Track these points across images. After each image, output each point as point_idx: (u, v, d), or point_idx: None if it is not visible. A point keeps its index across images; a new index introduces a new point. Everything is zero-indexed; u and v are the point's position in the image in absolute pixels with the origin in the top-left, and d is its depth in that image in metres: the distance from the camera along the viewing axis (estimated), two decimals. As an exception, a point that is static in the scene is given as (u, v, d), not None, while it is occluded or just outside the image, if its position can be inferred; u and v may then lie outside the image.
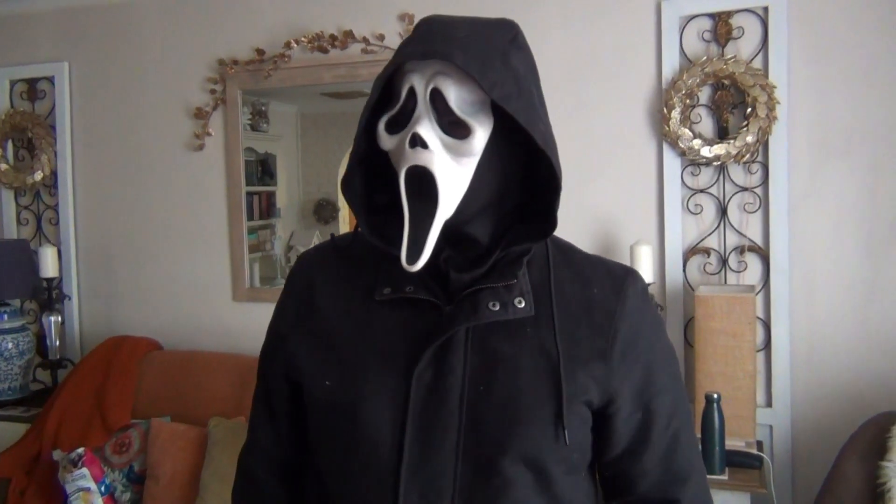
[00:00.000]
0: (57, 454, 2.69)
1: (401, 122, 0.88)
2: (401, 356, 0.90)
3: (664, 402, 0.95)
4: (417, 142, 0.85)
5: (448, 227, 0.88)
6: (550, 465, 0.89)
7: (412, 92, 0.86)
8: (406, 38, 0.91)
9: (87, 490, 2.54)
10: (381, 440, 0.88)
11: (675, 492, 0.96)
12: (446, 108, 0.86)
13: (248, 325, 3.05)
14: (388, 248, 0.91)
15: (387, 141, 0.89)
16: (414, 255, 0.85)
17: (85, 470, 2.55)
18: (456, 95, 0.86)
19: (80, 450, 2.60)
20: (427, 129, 0.85)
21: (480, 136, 0.86)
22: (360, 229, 0.96)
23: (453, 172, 0.86)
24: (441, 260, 0.92)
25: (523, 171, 0.94)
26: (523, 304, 0.90)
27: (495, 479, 0.87)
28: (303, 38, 2.92)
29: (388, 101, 0.90)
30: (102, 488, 2.58)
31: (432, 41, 0.86)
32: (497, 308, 0.89)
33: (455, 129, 0.86)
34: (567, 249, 0.99)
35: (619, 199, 2.62)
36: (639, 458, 0.95)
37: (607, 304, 0.93)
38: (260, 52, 2.99)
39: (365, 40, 2.84)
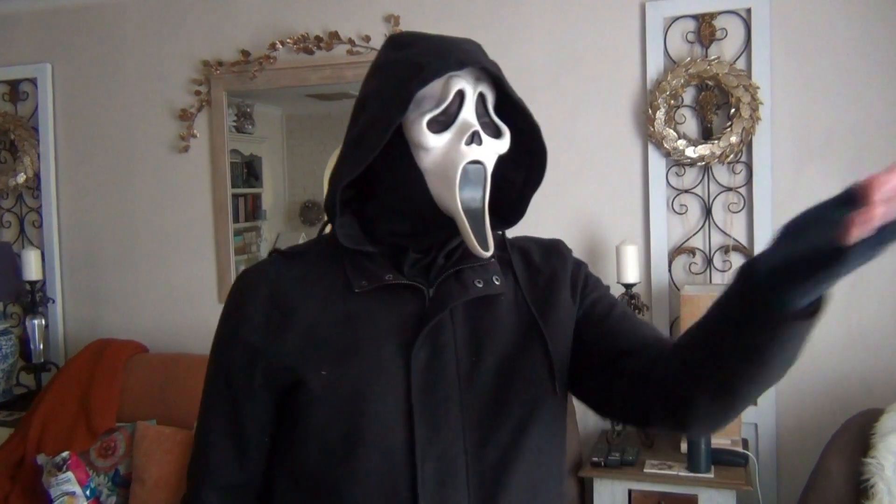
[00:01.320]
0: (41, 458, 2.67)
1: (443, 122, 0.94)
2: (393, 338, 0.95)
3: (607, 298, 1.09)
4: (475, 139, 0.94)
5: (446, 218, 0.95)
6: (545, 415, 0.98)
7: (460, 95, 0.94)
8: (414, 51, 0.95)
9: (72, 494, 2.52)
10: (389, 421, 0.92)
11: (657, 334, 1.04)
12: (484, 111, 0.96)
13: (235, 327, 3.04)
14: (358, 247, 0.97)
15: (431, 139, 0.94)
16: (483, 242, 0.93)
17: (70, 474, 2.53)
18: (492, 100, 0.97)
19: (65, 454, 2.58)
20: (480, 129, 0.95)
21: (508, 136, 0.98)
22: (323, 233, 1.05)
23: (491, 167, 0.97)
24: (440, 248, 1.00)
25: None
26: (499, 282, 1.01)
27: (501, 443, 0.95)
28: (288, 40, 2.92)
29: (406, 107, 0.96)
30: (87, 492, 2.56)
31: (456, 51, 0.95)
32: (482, 285, 0.99)
33: (492, 129, 0.97)
34: (499, 235, 1.10)
35: (604, 200, 2.64)
36: (636, 330, 1.03)
37: (550, 261, 1.07)
38: (245, 53, 2.98)
39: (350, 41, 2.84)
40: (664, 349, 0.96)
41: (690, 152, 2.49)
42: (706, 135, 2.52)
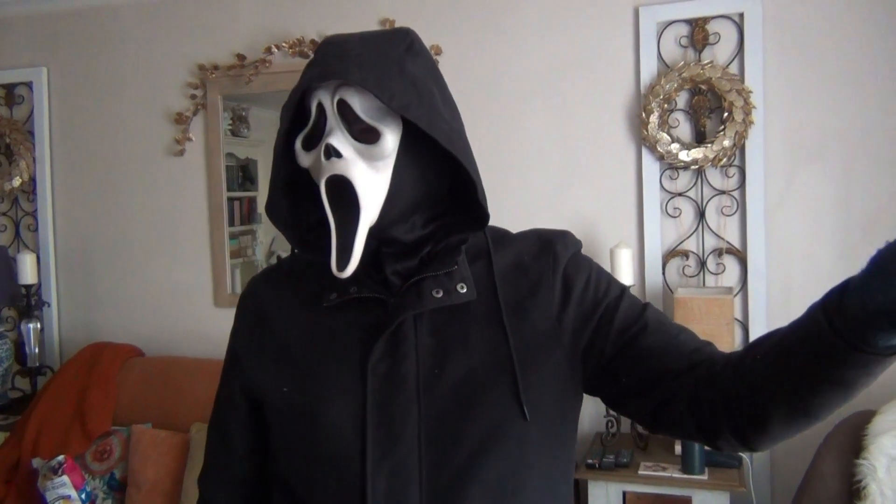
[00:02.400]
0: (37, 462, 2.67)
1: (315, 137, 0.92)
2: (354, 353, 0.93)
3: (624, 304, 0.97)
4: (332, 153, 0.89)
5: (376, 231, 0.92)
6: (513, 440, 0.90)
7: (321, 108, 0.91)
8: (308, 62, 0.95)
9: (68, 498, 2.53)
10: (344, 435, 0.90)
11: (696, 344, 0.96)
12: (355, 117, 0.90)
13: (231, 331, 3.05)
14: (325, 259, 0.93)
15: (304, 158, 0.93)
16: (343, 261, 0.89)
17: (65, 478, 2.54)
18: (360, 103, 0.90)
19: (61, 457, 2.59)
20: (339, 140, 0.89)
21: (390, 138, 0.90)
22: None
23: (370, 178, 0.90)
24: (384, 261, 0.95)
25: (451, 171, 0.96)
26: (465, 290, 0.94)
27: (459, 460, 0.89)
28: (283, 44, 2.93)
29: (303, 123, 0.95)
30: (83, 496, 2.56)
31: (328, 62, 0.91)
32: (440, 294, 0.92)
33: (365, 135, 0.90)
34: (503, 234, 1.03)
35: (598, 203, 2.65)
36: (675, 348, 0.93)
37: (540, 264, 0.98)
38: (240, 57, 2.99)
39: (346, 46, 2.85)
40: (715, 364, 0.89)
41: (684, 156, 2.51)
42: (699, 138, 2.54)
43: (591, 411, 2.58)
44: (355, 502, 0.89)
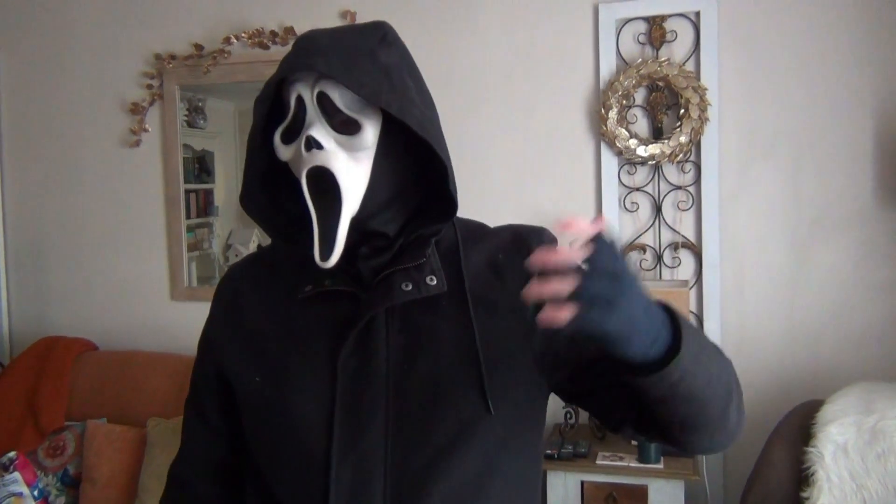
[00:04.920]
0: (-13, 459, 2.61)
1: (294, 130, 0.92)
2: (325, 346, 0.94)
3: None
4: (313, 144, 0.89)
5: (356, 223, 0.92)
6: (480, 436, 0.91)
7: (300, 101, 0.91)
8: (283, 56, 0.95)
9: (20, 495, 2.47)
10: (311, 428, 0.91)
11: None
12: (335, 109, 0.90)
13: (187, 324, 3.00)
14: (304, 250, 0.94)
15: (284, 151, 0.93)
16: (326, 251, 0.89)
17: (17, 474, 2.48)
18: (340, 95, 0.90)
19: (12, 454, 2.53)
20: (319, 132, 0.89)
21: (369, 129, 0.91)
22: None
23: (351, 168, 0.90)
24: (358, 255, 0.95)
25: (424, 164, 0.97)
26: (435, 282, 0.94)
27: (426, 455, 0.89)
28: (243, 34, 2.89)
29: (279, 116, 0.94)
30: (35, 493, 2.51)
31: (299, 55, 0.91)
32: (410, 288, 0.93)
33: (346, 126, 0.90)
34: (476, 227, 1.04)
35: (557, 197, 2.68)
36: None
37: (513, 261, 0.97)
38: (198, 46, 2.94)
39: (306, 37, 2.83)
40: None
41: (641, 151, 2.55)
42: (657, 134, 2.58)
43: (550, 403, 2.60)
44: (320, 493, 0.90)
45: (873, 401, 2.03)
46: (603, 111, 2.56)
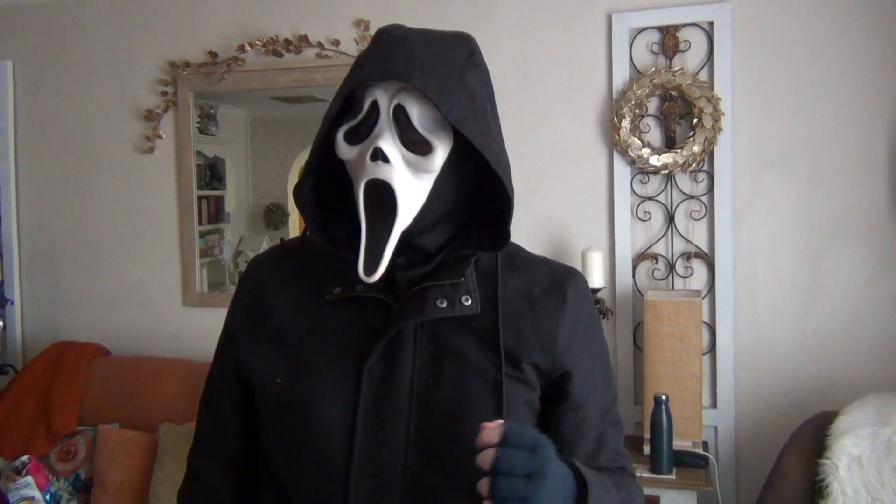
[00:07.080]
0: (-1, 462, 2.62)
1: (361, 133, 0.90)
2: (351, 352, 0.92)
3: (595, 400, 0.99)
4: (379, 156, 0.86)
5: (402, 236, 0.90)
6: None
7: (374, 106, 0.88)
8: (365, 51, 0.92)
9: (32, 499, 2.48)
10: (333, 434, 0.90)
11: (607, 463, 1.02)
12: (409, 125, 0.88)
13: (199, 330, 3.02)
14: (337, 251, 0.92)
15: (346, 151, 0.91)
16: (372, 266, 0.87)
17: (29, 478, 2.49)
18: (419, 113, 0.88)
19: (25, 458, 2.54)
20: (389, 145, 0.87)
21: (441, 153, 0.89)
22: (308, 233, 0.98)
23: (412, 187, 0.88)
24: (396, 264, 0.94)
25: (478, 185, 0.96)
26: (469, 302, 0.92)
27: (444, 470, 0.89)
28: (257, 42, 2.91)
29: (345, 110, 0.92)
30: (47, 497, 2.52)
31: (392, 59, 0.87)
32: (444, 305, 0.91)
33: (416, 145, 0.88)
34: (516, 253, 1.02)
35: (570, 206, 2.68)
36: (573, 448, 0.97)
37: (549, 303, 0.96)
38: (213, 54, 2.96)
39: (320, 45, 2.84)
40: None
41: (654, 161, 2.55)
42: (669, 144, 2.58)
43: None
44: (337, 500, 0.89)
45: (889, 413, 2.01)
46: (616, 120, 2.56)
